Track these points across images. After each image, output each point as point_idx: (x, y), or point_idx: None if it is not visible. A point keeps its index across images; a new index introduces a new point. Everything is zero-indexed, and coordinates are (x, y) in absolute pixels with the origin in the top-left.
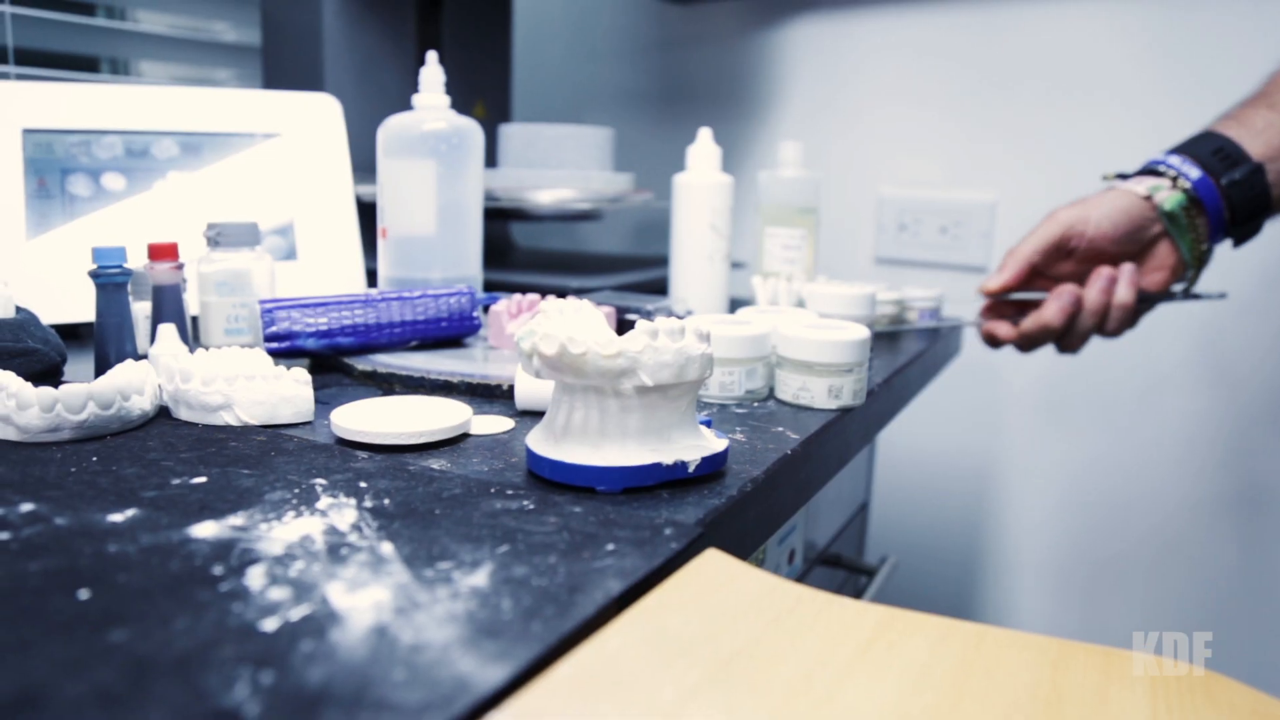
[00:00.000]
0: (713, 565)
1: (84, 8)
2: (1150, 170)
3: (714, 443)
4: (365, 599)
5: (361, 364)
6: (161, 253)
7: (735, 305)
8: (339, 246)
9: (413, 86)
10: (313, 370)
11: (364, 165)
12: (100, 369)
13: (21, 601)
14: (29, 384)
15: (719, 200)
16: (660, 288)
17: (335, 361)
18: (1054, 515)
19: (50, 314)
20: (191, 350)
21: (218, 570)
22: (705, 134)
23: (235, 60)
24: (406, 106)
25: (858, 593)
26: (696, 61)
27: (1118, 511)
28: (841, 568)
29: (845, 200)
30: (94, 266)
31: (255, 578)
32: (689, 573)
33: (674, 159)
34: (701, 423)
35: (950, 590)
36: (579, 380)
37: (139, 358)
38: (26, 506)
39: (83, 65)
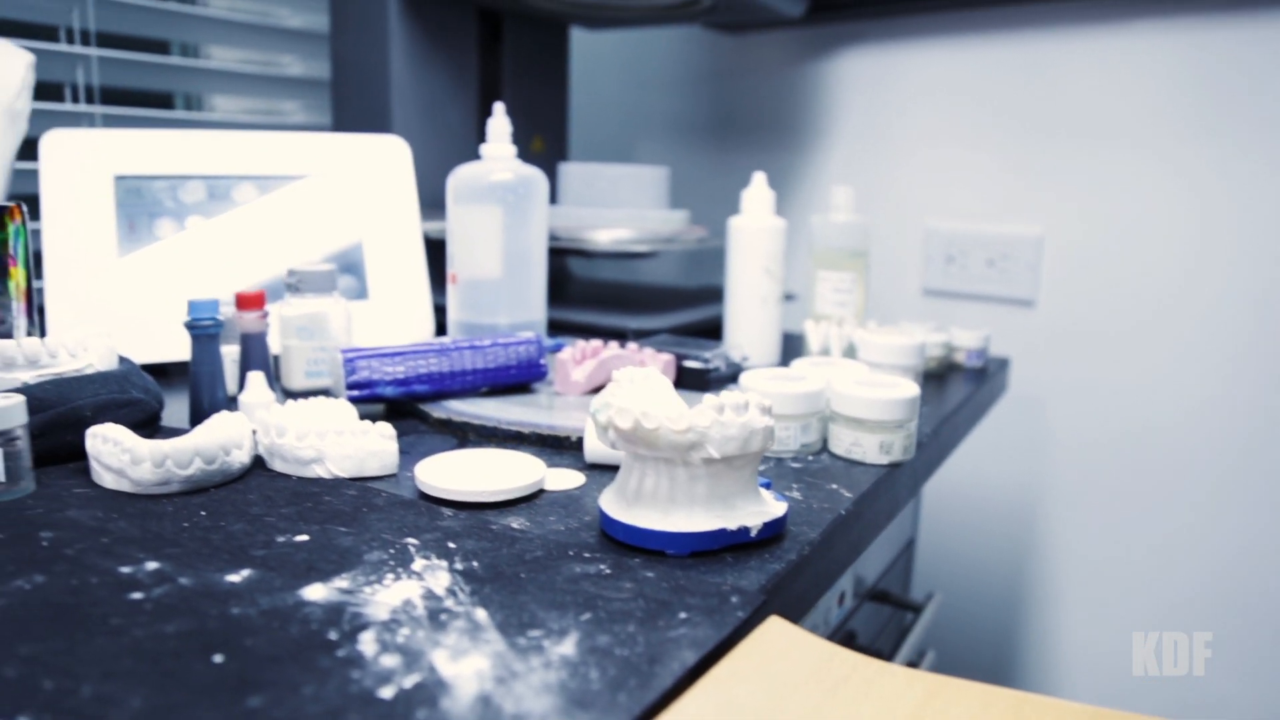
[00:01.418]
0: (775, 633)
1: (159, 46)
2: None
3: (774, 506)
4: (468, 667)
5: (437, 411)
6: (248, 302)
7: (787, 340)
8: (408, 285)
9: (475, 121)
10: (390, 415)
11: (429, 200)
12: (194, 413)
13: (165, 665)
14: (142, 439)
15: (773, 244)
16: (715, 326)
17: (411, 407)
18: (1099, 549)
19: (140, 354)
20: (277, 393)
21: (333, 635)
22: (760, 179)
23: (302, 92)
24: (469, 141)
25: (904, 629)
26: (747, 92)
27: (1163, 543)
28: (889, 603)
29: (894, 232)
30: (189, 319)
31: (367, 643)
32: (754, 642)
33: (725, 186)
34: (761, 484)
35: (995, 625)
36: (651, 452)
37: (230, 400)
38: (151, 565)
39: (159, 101)
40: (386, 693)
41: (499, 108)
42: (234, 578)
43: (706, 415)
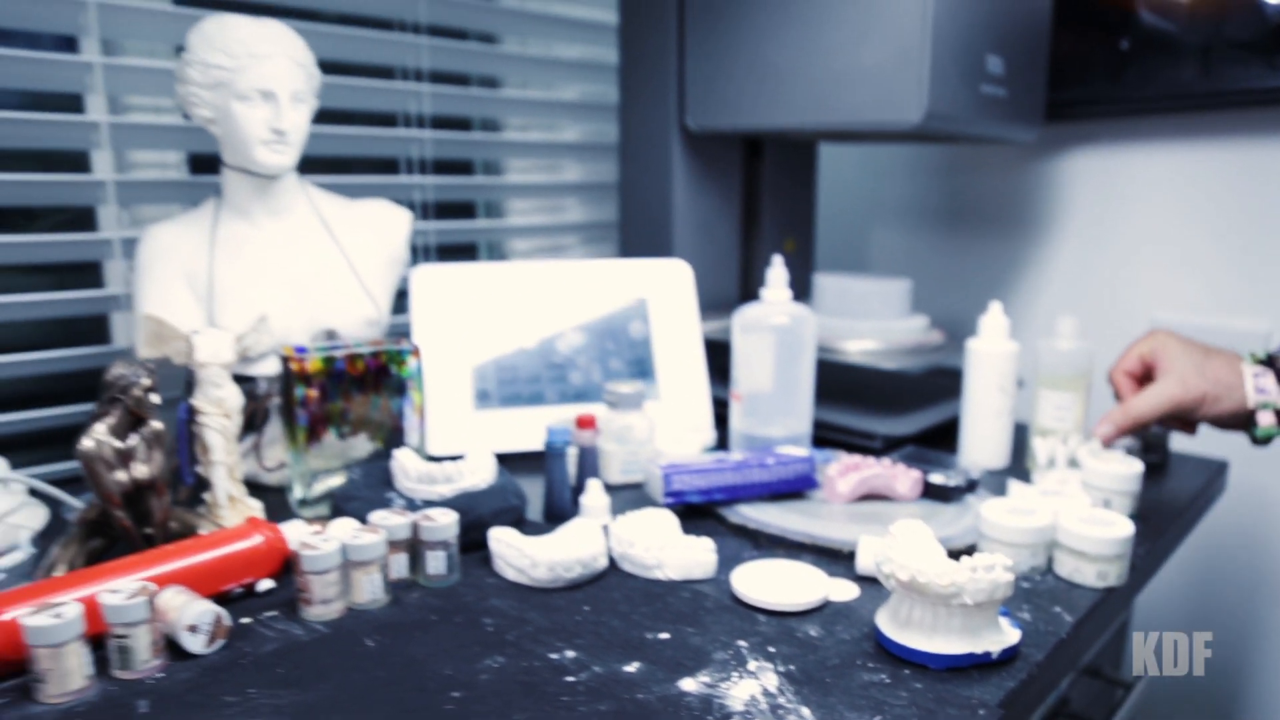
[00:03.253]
0: None
1: (464, 167)
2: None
3: (1010, 634)
4: None
5: (733, 516)
6: (585, 423)
7: (1018, 431)
8: (692, 389)
9: (738, 231)
10: (690, 515)
11: (700, 304)
12: (549, 510)
13: None
14: (539, 546)
15: (1006, 366)
16: (951, 425)
17: (709, 509)
18: None
19: (491, 443)
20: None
21: None
22: (996, 307)
23: (579, 194)
24: (732, 249)
25: (1113, 705)
26: (979, 184)
27: None
28: (1099, 679)
29: (1118, 322)
30: (547, 440)
31: None
32: None
33: (954, 267)
34: (1000, 613)
35: (1207, 706)
36: (921, 597)
37: (576, 493)
38: (570, 653)
39: (465, 211)
40: None
41: (778, 259)
42: (629, 668)
43: (964, 573)
